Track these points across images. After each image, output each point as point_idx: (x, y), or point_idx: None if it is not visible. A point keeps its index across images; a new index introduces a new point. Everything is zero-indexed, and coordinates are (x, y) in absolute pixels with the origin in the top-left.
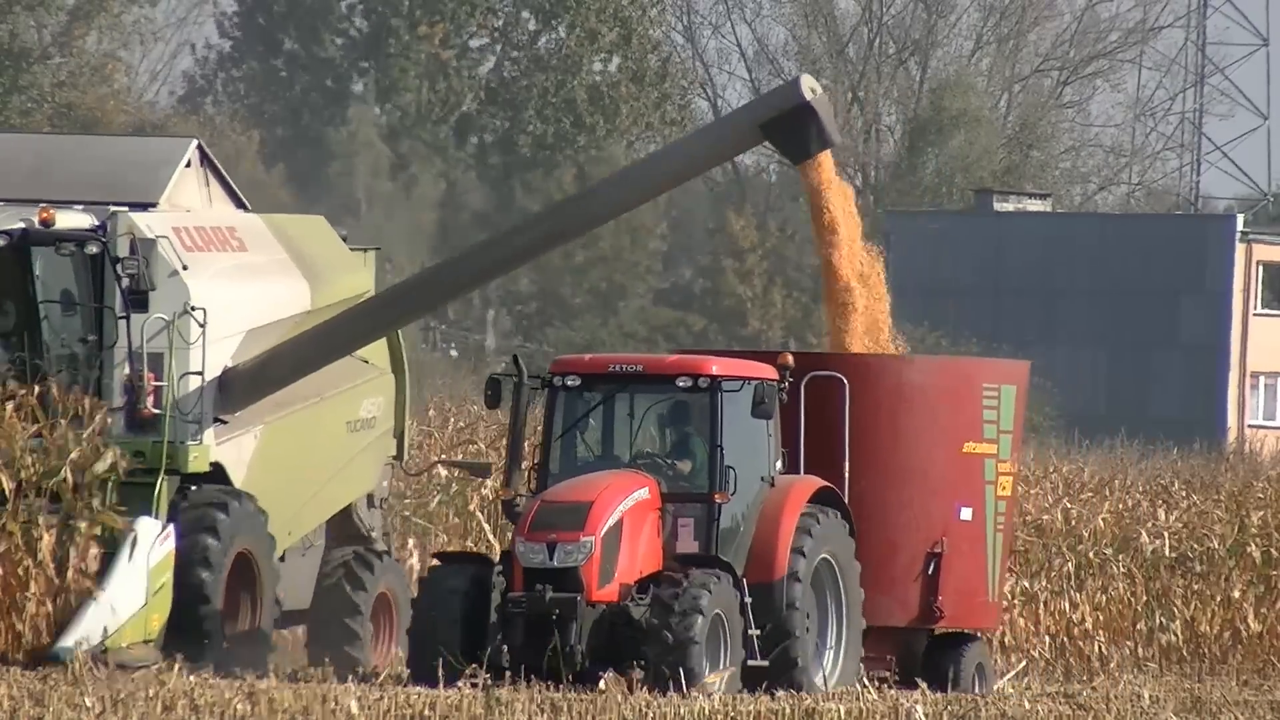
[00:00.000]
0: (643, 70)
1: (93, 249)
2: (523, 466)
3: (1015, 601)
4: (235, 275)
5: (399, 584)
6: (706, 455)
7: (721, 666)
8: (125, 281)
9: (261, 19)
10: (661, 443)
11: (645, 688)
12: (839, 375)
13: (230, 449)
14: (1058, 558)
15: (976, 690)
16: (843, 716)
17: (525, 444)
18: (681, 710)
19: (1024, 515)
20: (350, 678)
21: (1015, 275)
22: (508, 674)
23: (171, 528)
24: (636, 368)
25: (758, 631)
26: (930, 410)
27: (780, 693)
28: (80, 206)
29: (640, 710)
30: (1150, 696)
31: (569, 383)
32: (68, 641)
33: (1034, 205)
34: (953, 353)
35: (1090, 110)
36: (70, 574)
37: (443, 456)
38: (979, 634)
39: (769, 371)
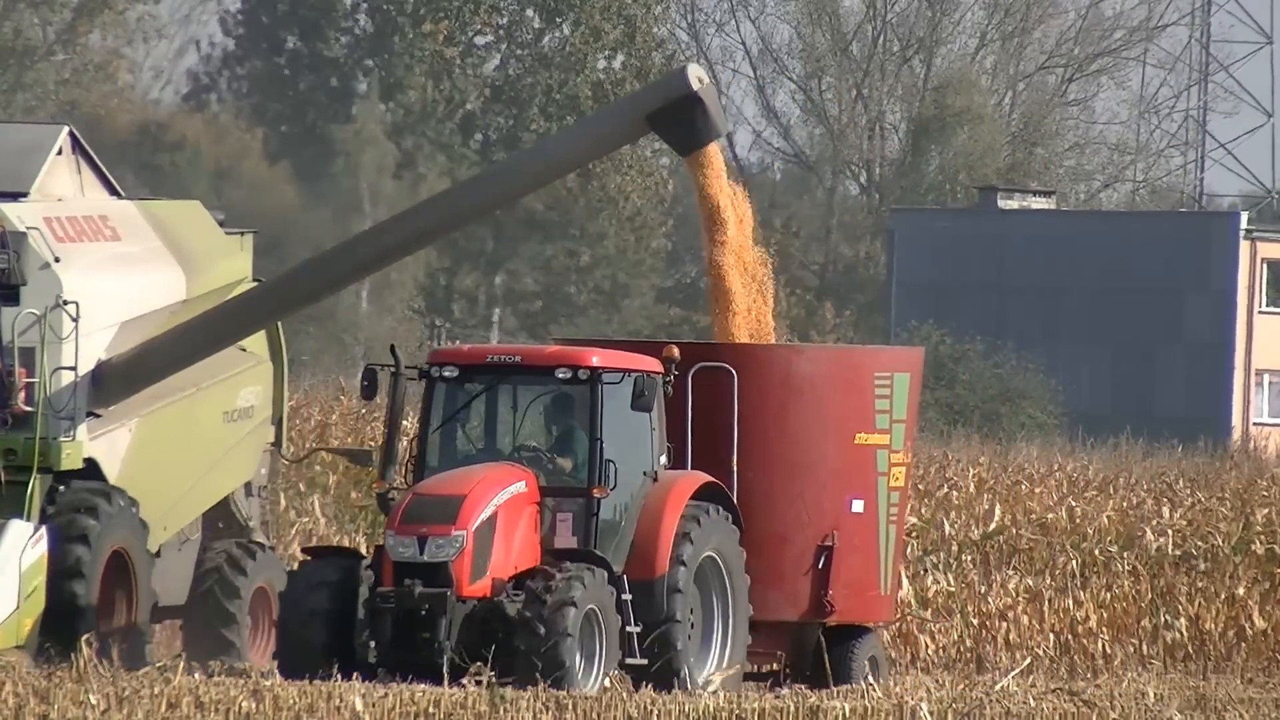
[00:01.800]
0: (647, 68)
1: None
2: (399, 459)
3: (1020, 599)
4: (109, 266)
5: (278, 578)
6: (586, 448)
7: (597, 662)
8: None
9: (265, 17)
10: (543, 435)
11: (516, 683)
12: (727, 366)
13: (104, 444)
14: (1062, 555)
15: (869, 683)
16: (847, 715)
17: (402, 436)
18: (686, 708)
19: (1029, 513)
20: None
21: (1019, 273)
22: (378, 671)
23: (44, 530)
24: (515, 359)
25: (637, 628)
26: (820, 401)
27: (785, 690)
28: None
29: (645, 708)
30: (1155, 694)
31: (446, 373)
32: None
33: (1038, 203)
34: (956, 352)
35: (1094, 108)
36: None
37: (321, 444)
38: (873, 627)
39: (652, 364)
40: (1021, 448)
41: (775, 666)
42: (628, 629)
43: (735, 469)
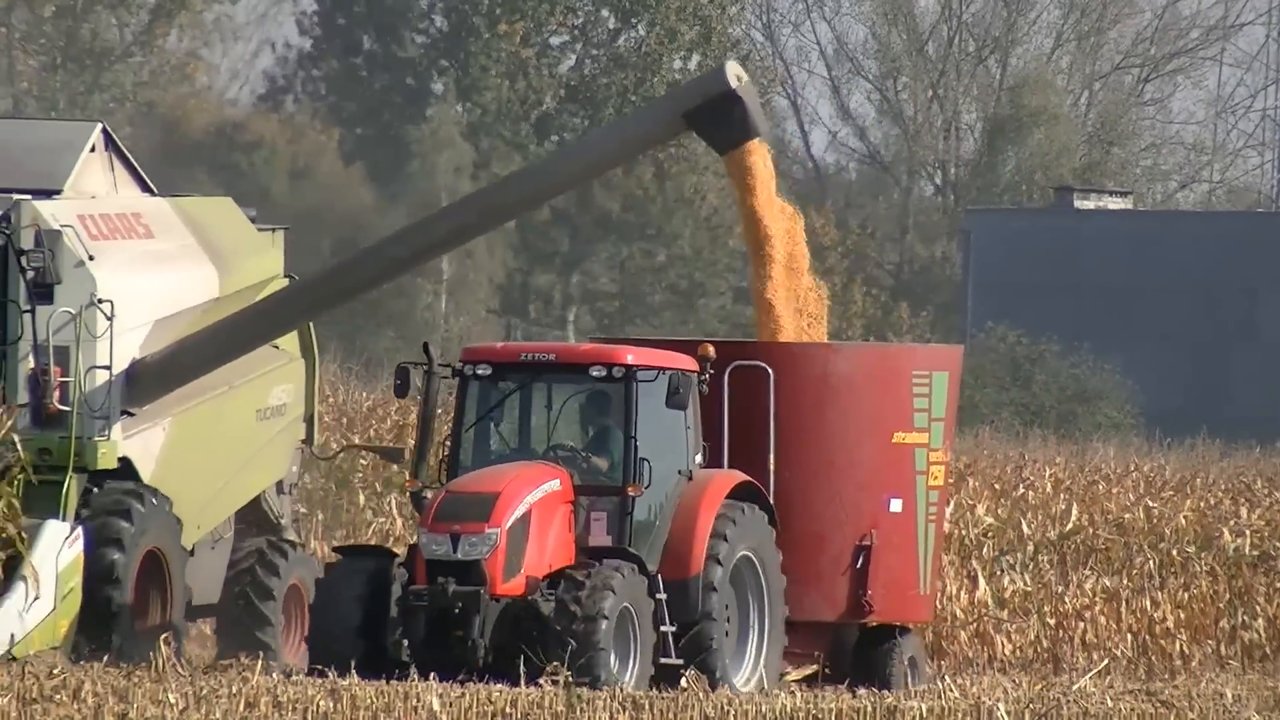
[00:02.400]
0: None
1: None
2: (432, 458)
3: (1097, 599)
4: (142, 264)
5: (310, 576)
6: (621, 447)
7: (631, 662)
8: (30, 274)
9: (341, 18)
10: (577, 434)
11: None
12: (763, 365)
13: (138, 443)
14: (1139, 555)
15: (909, 684)
16: (924, 714)
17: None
18: (763, 708)
19: (1106, 514)
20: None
21: (1095, 273)
22: (412, 669)
23: (79, 530)
24: (549, 356)
25: (672, 629)
26: (858, 399)
27: (861, 690)
28: None
29: (722, 709)
30: (1233, 695)
31: (480, 371)
32: None
33: (1115, 203)
34: (1032, 352)
35: (1171, 107)
36: None
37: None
38: (912, 628)
39: (687, 362)
40: (1098, 448)
41: (814, 668)
42: (662, 629)
43: (772, 468)
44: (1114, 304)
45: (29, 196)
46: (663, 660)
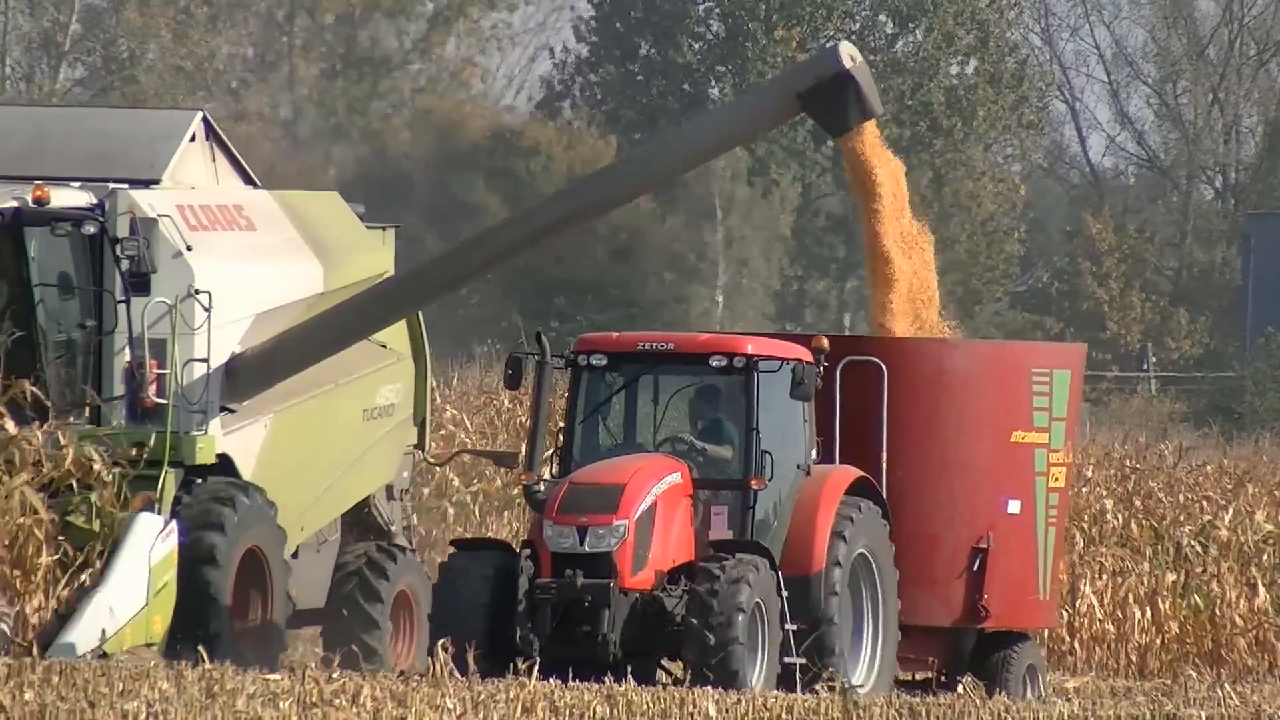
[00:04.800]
0: (1000, 73)
1: (90, 229)
2: (544, 451)
3: None
4: (243, 256)
5: (420, 582)
6: (740, 440)
7: (760, 658)
8: (125, 263)
9: (618, 24)
10: (692, 427)
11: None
12: (876, 360)
13: (238, 440)
14: None
15: (1028, 693)
16: None
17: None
18: (1040, 715)
19: None
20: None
21: None
22: (535, 666)
23: (174, 524)
24: (667, 346)
25: (793, 627)
26: (975, 397)
27: (1139, 697)
28: (78, 184)
29: (999, 715)
30: None
31: (594, 362)
32: (67, 639)
33: None
34: None
35: None
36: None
37: (467, 445)
38: (1030, 634)
39: (804, 353)
40: None
41: (930, 673)
42: (785, 626)
43: (884, 466)
44: None
45: (126, 186)
46: (785, 659)
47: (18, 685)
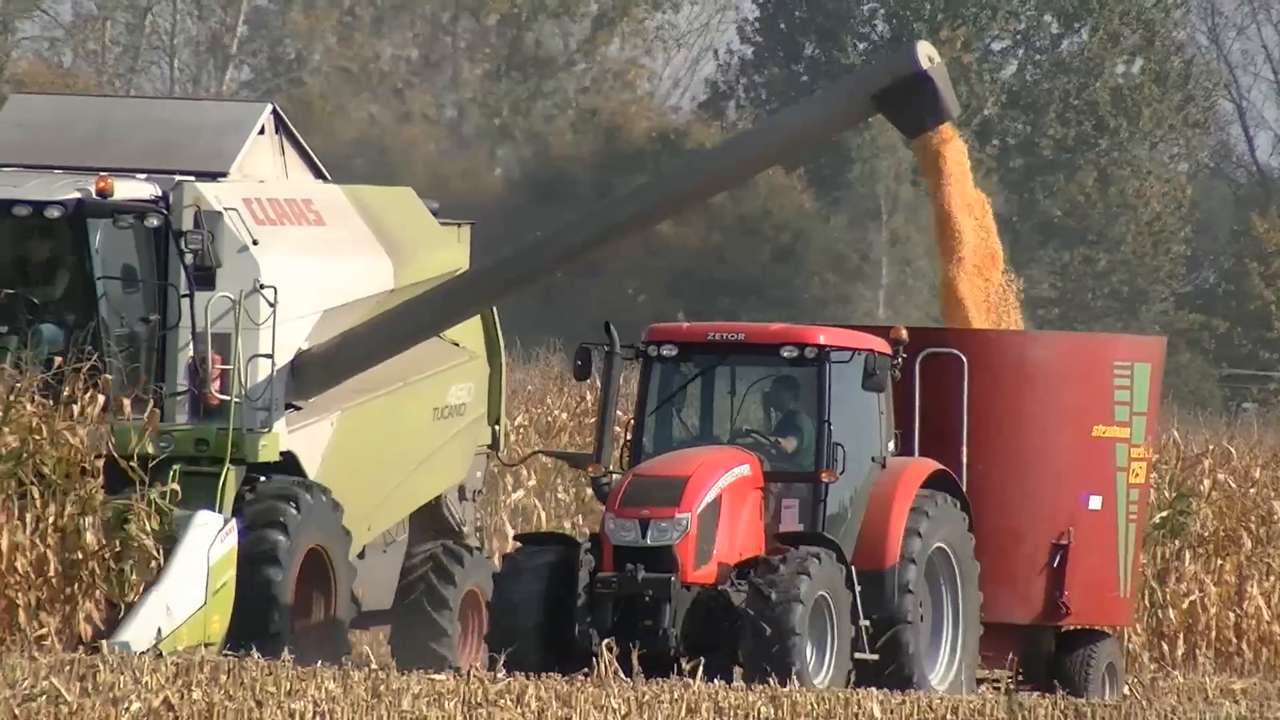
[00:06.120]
0: (1166, 72)
1: (153, 221)
2: (613, 443)
3: None
4: (311, 251)
5: (488, 582)
6: (813, 431)
7: (828, 653)
8: (189, 257)
9: (783, 24)
10: (765, 418)
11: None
12: (956, 352)
13: (303, 438)
14: None
15: (1107, 693)
16: None
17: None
18: (1207, 717)
19: None
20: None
21: None
22: (596, 661)
23: (234, 523)
24: (738, 336)
25: (866, 622)
26: (1055, 390)
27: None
28: (143, 175)
29: (1165, 716)
30: None
31: (665, 352)
32: (122, 637)
33: None
34: None
35: None
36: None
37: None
38: (1110, 632)
39: (880, 344)
40: None
41: (1008, 671)
42: (859, 622)
43: (965, 461)
44: None
45: (193, 178)
46: (856, 655)
47: (185, 684)
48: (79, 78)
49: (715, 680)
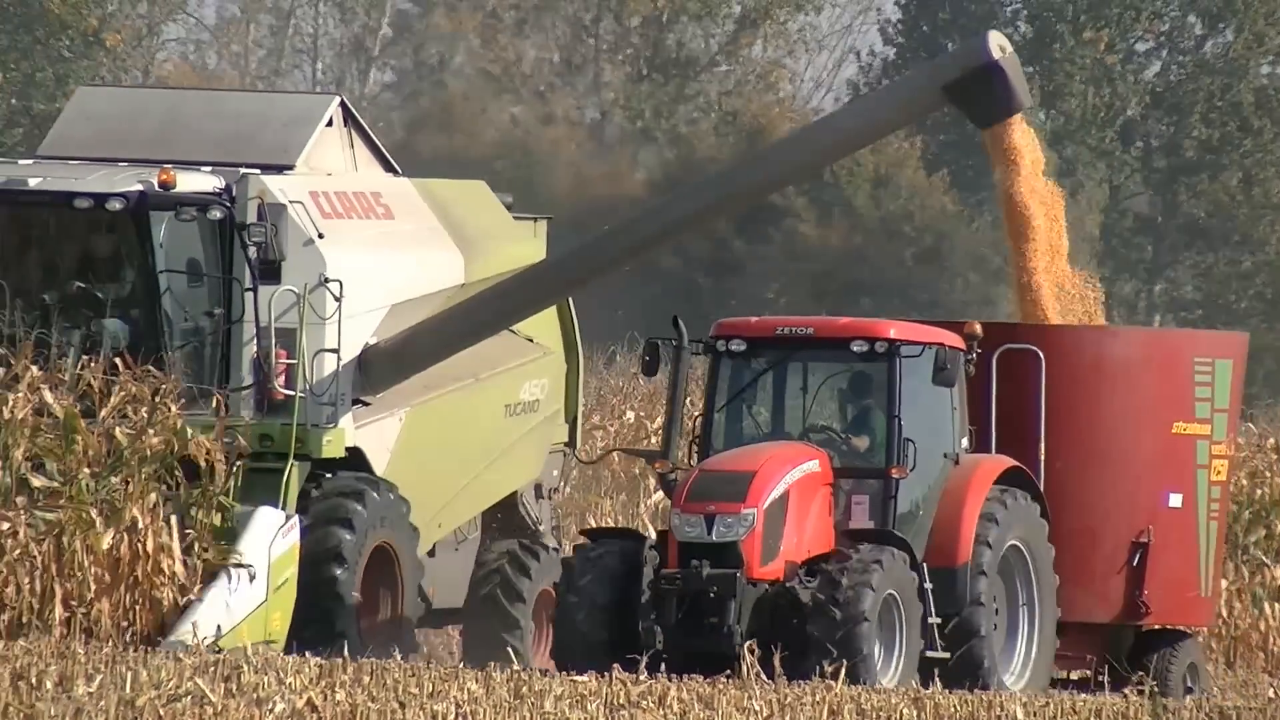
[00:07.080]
0: None
1: (216, 214)
2: (683, 438)
3: None
4: (379, 244)
5: None
6: (883, 427)
7: (896, 652)
8: (252, 250)
9: (925, 26)
10: (836, 414)
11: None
12: (1033, 348)
13: (371, 433)
14: None
15: (1187, 693)
16: None
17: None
18: None
19: None
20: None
21: None
22: (662, 658)
23: (295, 519)
24: (807, 330)
25: (937, 620)
26: (1135, 386)
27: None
28: (207, 168)
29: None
30: None
31: (733, 347)
32: (177, 636)
33: None
34: None
35: None
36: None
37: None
38: (1191, 632)
39: (953, 339)
40: None
41: (1087, 672)
42: (929, 620)
43: (1042, 458)
44: None
45: (258, 171)
46: (927, 653)
47: (329, 685)
48: (222, 80)
49: (775, 678)
